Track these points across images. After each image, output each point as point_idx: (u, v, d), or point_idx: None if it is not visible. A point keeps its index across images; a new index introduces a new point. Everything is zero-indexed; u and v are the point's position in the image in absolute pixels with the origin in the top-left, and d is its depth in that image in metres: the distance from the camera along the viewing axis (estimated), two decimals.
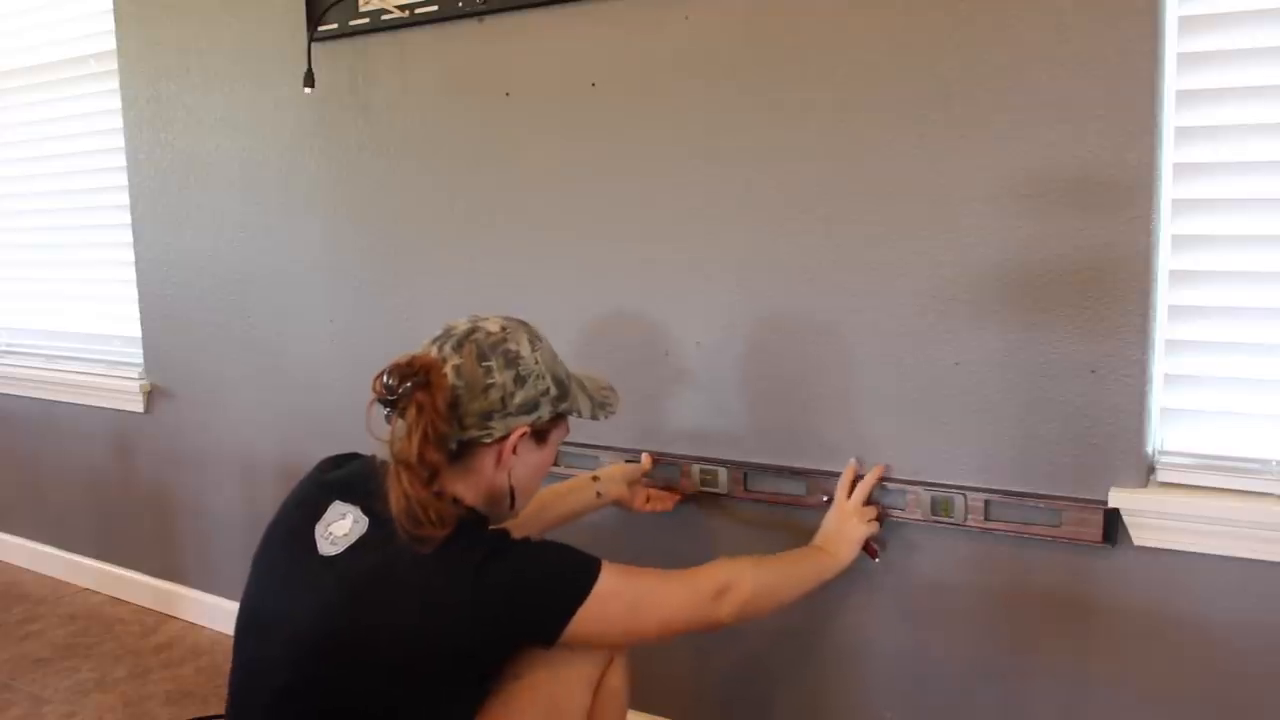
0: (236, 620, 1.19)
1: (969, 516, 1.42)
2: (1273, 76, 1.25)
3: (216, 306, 2.27)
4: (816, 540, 1.44)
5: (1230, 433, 1.32)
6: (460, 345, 1.14)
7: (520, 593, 1.09)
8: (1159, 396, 1.34)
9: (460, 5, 1.77)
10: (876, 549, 1.48)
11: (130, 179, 2.39)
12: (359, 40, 1.94)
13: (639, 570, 1.18)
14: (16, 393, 2.74)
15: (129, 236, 2.41)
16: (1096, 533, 1.33)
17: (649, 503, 1.65)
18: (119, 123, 2.38)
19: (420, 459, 1.07)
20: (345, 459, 1.25)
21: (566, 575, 1.12)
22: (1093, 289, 1.31)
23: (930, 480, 1.45)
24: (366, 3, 1.88)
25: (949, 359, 1.42)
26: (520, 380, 1.14)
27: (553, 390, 1.18)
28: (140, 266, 2.41)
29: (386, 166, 1.95)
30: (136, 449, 2.51)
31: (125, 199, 2.41)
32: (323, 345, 2.09)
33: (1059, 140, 1.30)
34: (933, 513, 1.44)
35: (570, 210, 1.73)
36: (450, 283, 1.89)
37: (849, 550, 1.41)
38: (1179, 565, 1.30)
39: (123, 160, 2.39)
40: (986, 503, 1.41)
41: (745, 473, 1.61)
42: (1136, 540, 1.32)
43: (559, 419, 1.22)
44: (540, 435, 1.20)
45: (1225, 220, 1.30)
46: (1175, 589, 1.31)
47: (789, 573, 1.34)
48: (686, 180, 1.60)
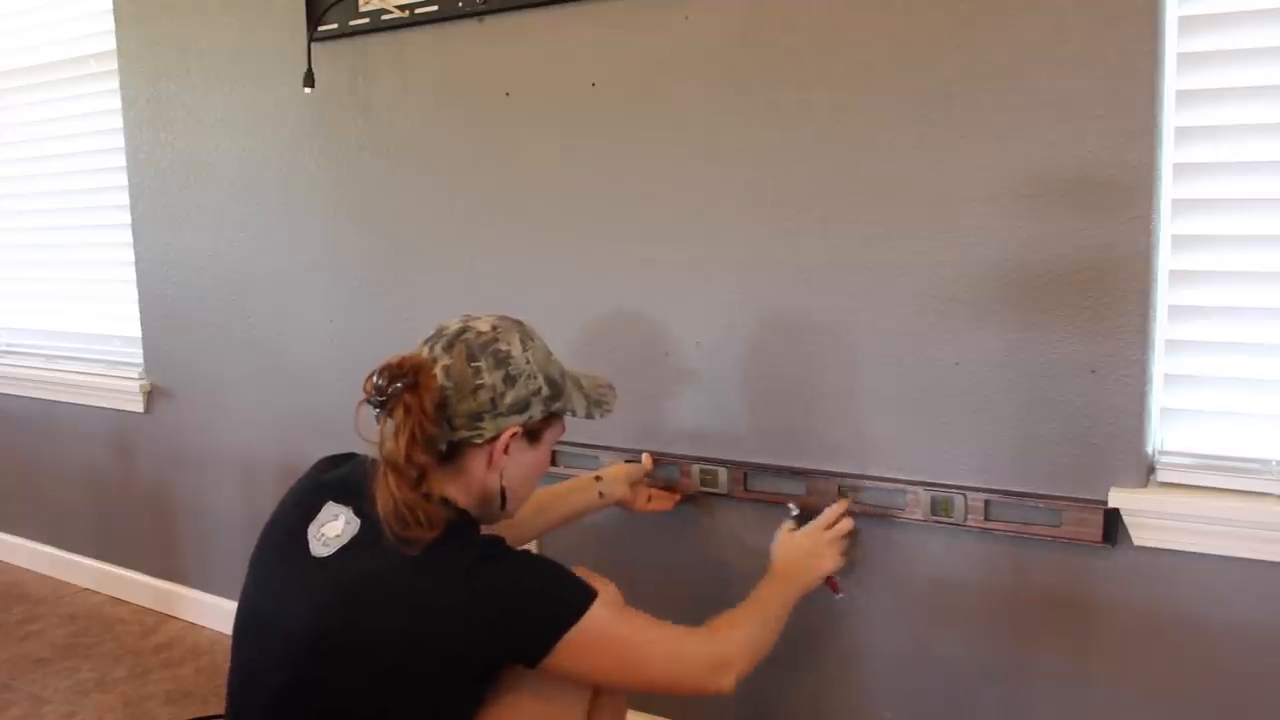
0: (235, 620, 1.19)
1: (969, 516, 1.42)
2: (1273, 76, 1.25)
3: (216, 306, 2.27)
4: (781, 562, 1.41)
5: (1230, 433, 1.32)
6: (450, 346, 1.13)
7: (515, 601, 1.08)
8: (1159, 396, 1.34)
9: (460, 5, 1.77)
10: (839, 584, 1.47)
11: (130, 179, 2.39)
12: (359, 40, 1.94)
13: (635, 615, 1.17)
14: (16, 393, 2.74)
15: (129, 236, 2.41)
16: (1096, 533, 1.33)
17: (650, 503, 1.65)
18: (119, 123, 2.38)
19: (407, 460, 1.07)
20: (342, 459, 1.25)
21: (563, 596, 1.11)
22: (1093, 289, 1.31)
23: (930, 480, 1.45)
24: (366, 3, 1.88)
25: (949, 359, 1.42)
26: (510, 380, 1.14)
27: (545, 389, 1.17)
28: (140, 266, 2.41)
29: (386, 166, 1.95)
30: (136, 449, 2.51)
31: (125, 199, 2.41)
32: (323, 345, 2.09)
33: (1059, 140, 1.30)
34: (933, 513, 1.44)
35: (570, 210, 1.73)
36: (450, 283, 1.89)
37: (814, 579, 1.41)
38: (1179, 565, 1.30)
39: (123, 160, 2.39)
40: (986, 503, 1.41)
41: (745, 473, 1.61)
42: (1136, 540, 1.32)
43: (552, 418, 1.21)
44: (533, 435, 1.19)
45: (1225, 220, 1.30)
46: (1175, 589, 1.31)
47: (770, 625, 1.30)
48: (686, 180, 1.60)
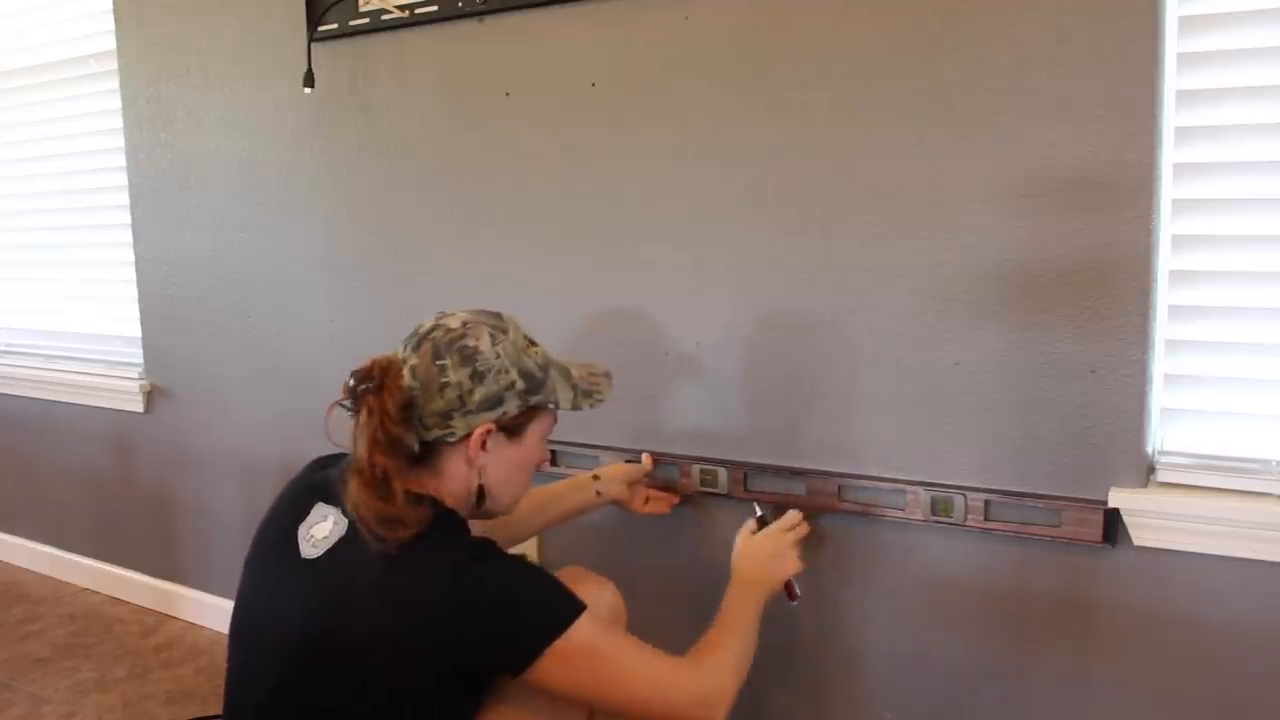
0: (230, 621, 1.19)
1: (969, 516, 1.42)
2: (1273, 76, 1.25)
3: (216, 306, 2.27)
4: (747, 565, 1.39)
5: (1230, 433, 1.32)
6: (419, 345, 1.13)
7: (503, 603, 1.07)
8: (1159, 396, 1.34)
9: (460, 5, 1.77)
10: (797, 590, 1.45)
11: (130, 179, 2.39)
12: (359, 40, 1.94)
13: (624, 637, 1.16)
14: (16, 393, 2.74)
15: (129, 236, 2.42)
16: (1096, 533, 1.33)
17: (648, 504, 1.65)
18: (119, 123, 2.39)
19: (369, 463, 1.08)
20: (334, 459, 1.24)
21: (551, 604, 1.10)
22: (1093, 289, 1.31)
23: (930, 480, 1.45)
24: (366, 3, 1.88)
25: (949, 359, 1.42)
26: (478, 376, 1.12)
27: (519, 384, 1.15)
28: (140, 266, 2.41)
29: (386, 166, 1.95)
30: (136, 449, 2.51)
31: (125, 199, 2.41)
32: (323, 345, 2.09)
33: (1059, 140, 1.30)
34: (933, 513, 1.44)
35: (570, 210, 1.73)
36: (450, 283, 1.89)
37: (778, 582, 1.39)
38: (1179, 565, 1.30)
39: (123, 160, 2.40)
40: (986, 503, 1.41)
41: (745, 473, 1.61)
42: (1136, 540, 1.32)
43: (533, 412, 1.19)
44: (512, 430, 1.17)
45: (1225, 220, 1.30)
46: (1175, 589, 1.31)
47: (750, 639, 1.28)
48: (686, 180, 1.60)
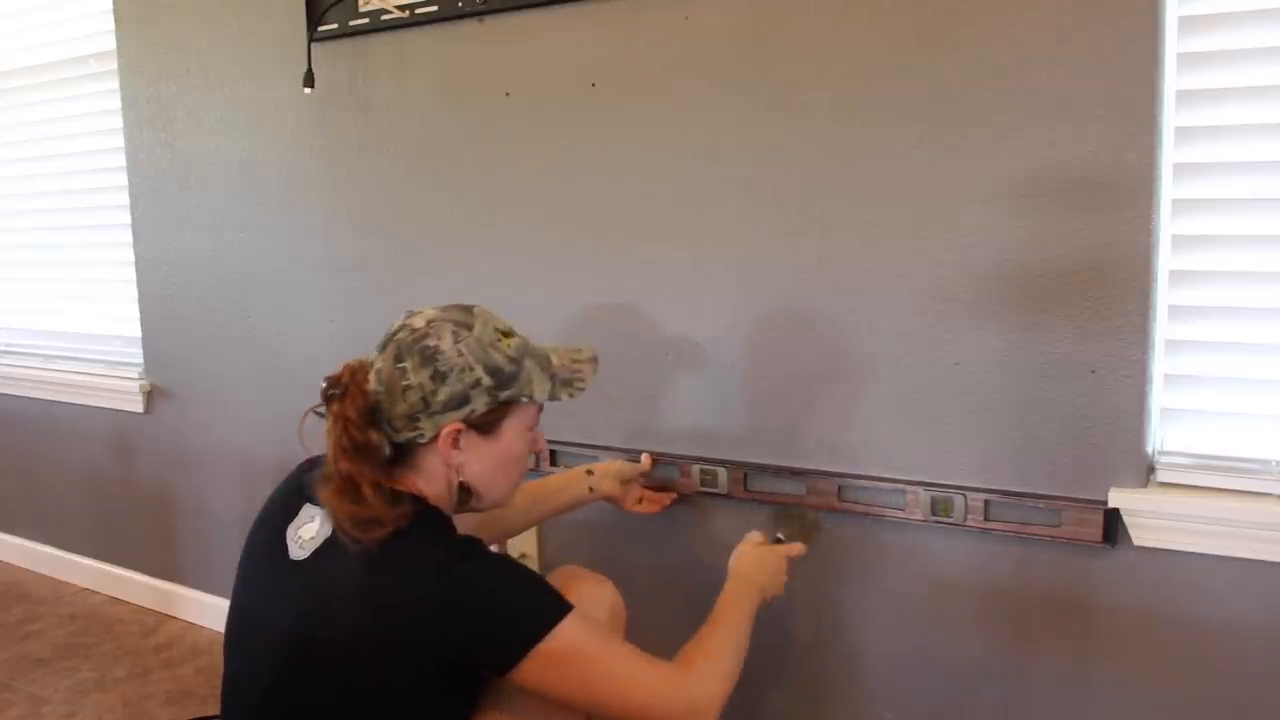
0: (226, 622, 1.20)
1: (969, 516, 1.42)
2: (1273, 76, 1.25)
3: (216, 306, 2.27)
4: (759, 573, 1.36)
5: (1230, 433, 1.32)
6: (385, 347, 1.14)
7: (490, 601, 1.06)
8: (1159, 396, 1.34)
9: (460, 5, 1.77)
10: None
11: (130, 179, 2.39)
12: (359, 40, 1.94)
13: (612, 639, 1.15)
14: (16, 393, 2.74)
15: (129, 236, 2.41)
16: (1096, 533, 1.33)
17: (640, 504, 1.65)
18: (119, 123, 2.38)
19: (335, 469, 1.09)
20: (322, 459, 1.25)
21: (539, 603, 1.09)
22: (1093, 289, 1.31)
23: (930, 480, 1.45)
24: (366, 3, 1.88)
25: (949, 359, 1.42)
26: (440, 377, 1.11)
27: (485, 380, 1.13)
28: (140, 266, 2.41)
29: (386, 166, 1.95)
30: (136, 449, 2.51)
31: (125, 199, 2.41)
32: (323, 345, 2.09)
33: (1059, 140, 1.30)
34: (933, 513, 1.44)
35: (570, 210, 1.73)
36: (450, 283, 1.89)
37: (770, 595, 1.37)
38: (1179, 565, 1.30)
39: (123, 160, 2.39)
40: (986, 503, 1.41)
41: (745, 473, 1.61)
42: (1136, 540, 1.32)
43: (505, 407, 1.16)
44: (484, 427, 1.15)
45: (1225, 220, 1.30)
46: (1175, 589, 1.31)
47: (743, 647, 1.25)
48: (686, 180, 1.60)
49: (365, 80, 1.94)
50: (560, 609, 1.08)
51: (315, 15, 1.96)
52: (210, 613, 2.40)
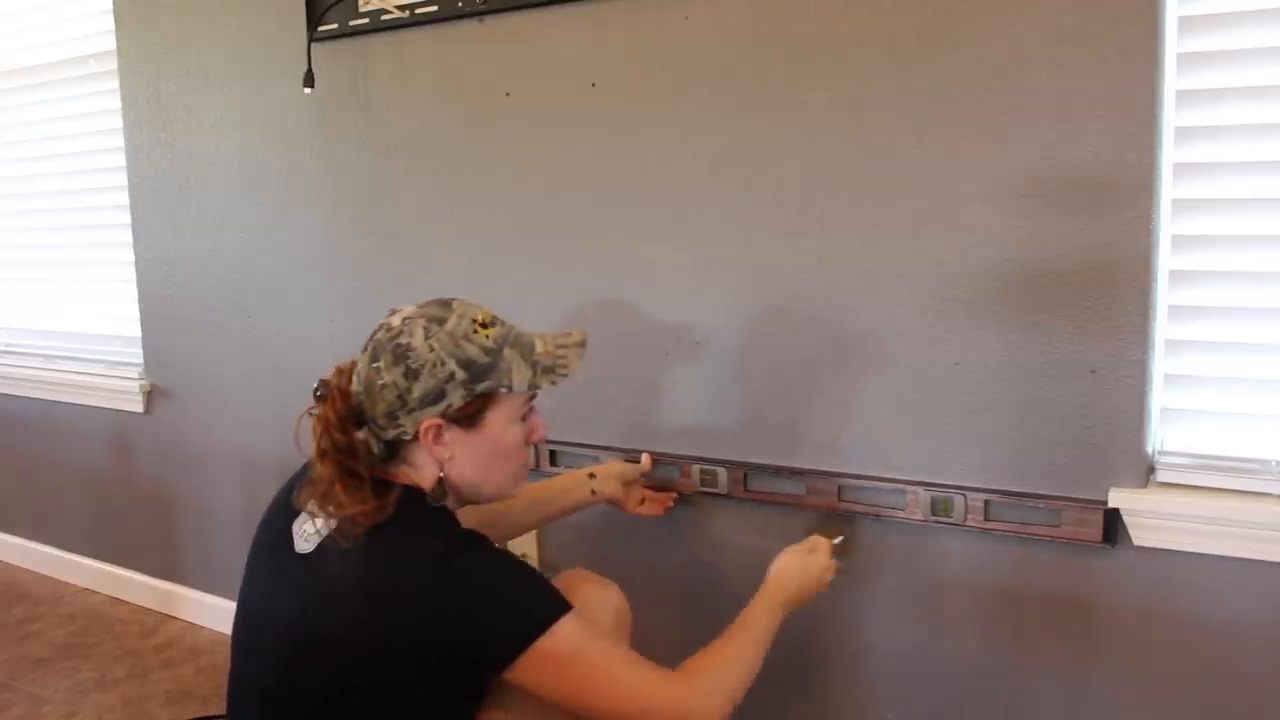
0: (233, 622, 1.20)
1: (969, 516, 1.42)
2: (1273, 76, 1.25)
3: (216, 306, 2.27)
4: (784, 576, 1.32)
5: (1230, 433, 1.32)
6: (365, 348, 1.15)
7: (489, 597, 1.06)
8: (1159, 396, 1.34)
9: (460, 5, 1.77)
10: None
11: (130, 179, 2.39)
12: (359, 40, 1.93)
13: (611, 643, 1.14)
14: (16, 393, 2.74)
15: (129, 236, 2.41)
16: (1096, 533, 1.33)
17: (643, 505, 1.64)
18: (119, 123, 2.38)
19: (317, 472, 1.11)
20: None
21: (538, 600, 1.08)
22: (1093, 289, 1.31)
23: (930, 480, 1.45)
24: (366, 3, 1.88)
25: (949, 359, 1.42)
26: (412, 374, 1.10)
27: (459, 374, 1.11)
28: (140, 266, 2.41)
29: (386, 166, 1.95)
30: (136, 449, 2.51)
31: (125, 199, 2.41)
32: (323, 345, 2.09)
33: (1059, 140, 1.30)
34: (933, 513, 1.44)
35: (570, 210, 1.73)
36: (450, 283, 1.89)
37: (804, 606, 1.33)
38: (1178, 565, 1.30)
39: (123, 160, 2.39)
40: (986, 503, 1.41)
41: (745, 473, 1.61)
42: (1136, 540, 1.32)
43: (485, 399, 1.14)
44: (465, 421, 1.13)
45: (1225, 220, 1.30)
46: (1175, 589, 1.31)
47: (756, 663, 1.22)
48: (686, 180, 1.60)
49: (365, 80, 1.94)
50: (560, 608, 1.08)
51: (315, 15, 1.96)
52: (210, 613, 2.40)
